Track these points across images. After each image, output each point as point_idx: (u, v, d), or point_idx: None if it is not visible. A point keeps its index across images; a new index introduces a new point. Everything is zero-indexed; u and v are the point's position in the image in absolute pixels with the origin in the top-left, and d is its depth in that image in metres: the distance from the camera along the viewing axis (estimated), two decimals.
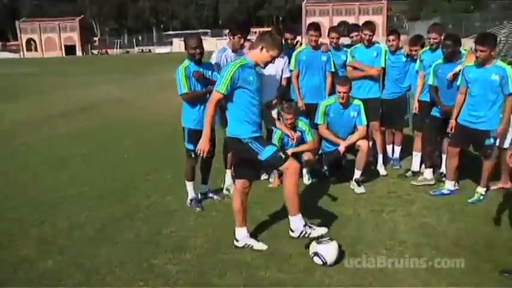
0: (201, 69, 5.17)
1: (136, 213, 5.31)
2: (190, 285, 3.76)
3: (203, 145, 4.10)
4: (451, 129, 5.53)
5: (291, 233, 4.13)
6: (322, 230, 4.10)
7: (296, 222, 4.08)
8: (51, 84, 23.20)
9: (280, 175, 6.12)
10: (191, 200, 5.46)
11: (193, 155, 5.34)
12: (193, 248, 4.39)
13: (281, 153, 4.03)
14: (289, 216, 4.13)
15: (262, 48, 4.01)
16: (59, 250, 4.40)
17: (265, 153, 3.97)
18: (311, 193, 5.83)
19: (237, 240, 4.33)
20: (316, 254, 3.99)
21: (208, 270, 3.97)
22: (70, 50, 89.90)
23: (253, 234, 4.48)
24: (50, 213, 5.38)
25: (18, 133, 10.63)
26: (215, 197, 5.70)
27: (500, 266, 3.86)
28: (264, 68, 4.34)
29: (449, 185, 5.67)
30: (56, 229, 4.91)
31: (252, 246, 4.28)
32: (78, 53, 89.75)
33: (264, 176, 6.23)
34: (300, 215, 4.09)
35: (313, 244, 4.05)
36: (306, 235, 4.06)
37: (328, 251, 3.98)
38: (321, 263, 3.96)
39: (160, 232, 4.77)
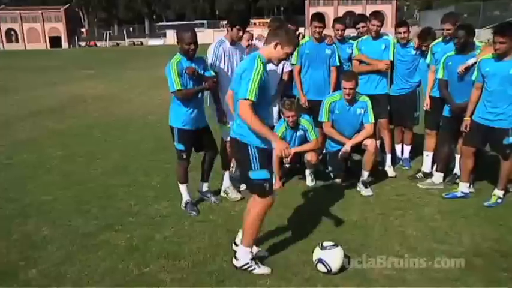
0: (193, 65, 5.14)
1: (125, 219, 5.28)
2: None
3: (281, 146, 3.77)
4: (466, 128, 5.52)
5: (234, 260, 4.08)
6: (266, 269, 4.02)
7: (245, 253, 4.04)
8: (26, 81, 23.11)
9: (281, 178, 6.15)
10: (186, 204, 5.45)
11: (184, 156, 5.34)
12: (188, 254, 4.38)
13: (268, 184, 3.91)
14: (240, 244, 4.10)
15: (276, 45, 3.85)
16: (42, 259, 4.38)
17: (257, 174, 3.88)
18: (314, 196, 5.84)
19: (236, 259, 4.14)
20: (320, 260, 3.97)
21: (205, 278, 3.96)
22: (55, 41, 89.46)
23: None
24: (33, 219, 5.35)
25: None
26: (213, 199, 5.69)
27: None
28: (277, 65, 4.29)
29: (463, 188, 5.67)
30: (37, 237, 4.88)
31: (254, 269, 4.04)
32: (64, 44, 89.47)
33: None
34: (250, 249, 4.05)
35: (317, 250, 4.03)
36: (249, 269, 4.00)
37: (333, 257, 3.96)
38: (325, 270, 3.95)
39: (153, 238, 4.76)
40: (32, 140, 9.61)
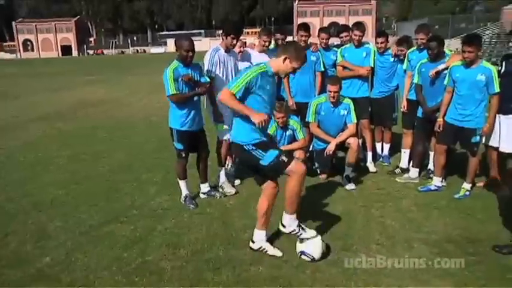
0: (190, 71, 5.11)
1: (129, 212, 5.25)
2: (185, 281, 3.73)
3: (258, 117, 3.72)
4: (439, 127, 5.54)
5: (281, 227, 4.03)
6: (312, 233, 4.01)
7: (290, 220, 3.98)
8: (34, 86, 22.94)
9: None
10: (185, 198, 5.43)
11: (183, 154, 5.31)
12: (187, 244, 4.36)
13: (284, 157, 3.80)
14: (284, 213, 4.00)
15: (285, 59, 3.81)
16: (55, 248, 4.35)
17: (267, 158, 3.80)
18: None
19: (253, 242, 4.16)
20: (302, 253, 3.99)
21: (203, 266, 3.94)
22: (66, 50, 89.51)
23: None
24: (42, 212, 5.32)
25: None
26: (218, 195, 5.62)
27: (484, 259, 3.91)
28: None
29: (436, 181, 5.69)
30: (49, 228, 4.84)
31: (267, 251, 4.09)
32: (74, 53, 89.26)
33: None
34: (295, 215, 3.99)
35: (298, 244, 4.05)
36: (297, 234, 3.99)
37: (312, 247, 3.97)
38: (310, 259, 3.96)
39: (155, 229, 4.73)
40: (39, 141, 9.56)
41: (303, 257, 3.99)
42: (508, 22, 38.67)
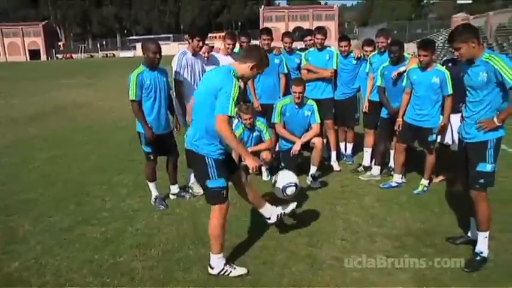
0: (156, 74, 5.03)
1: (100, 214, 5.14)
2: (156, 281, 3.68)
3: (253, 163, 3.63)
4: (399, 127, 5.66)
5: (210, 270, 3.75)
6: (242, 270, 3.75)
7: (218, 260, 3.75)
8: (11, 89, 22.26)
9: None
10: (155, 199, 5.36)
11: (152, 157, 5.24)
12: (158, 244, 4.30)
13: (225, 192, 3.64)
14: (211, 253, 3.76)
15: (253, 67, 3.62)
16: (24, 253, 4.21)
17: (214, 182, 3.60)
18: (269, 188, 5.82)
19: (211, 268, 3.77)
20: (284, 188, 4.26)
21: (173, 265, 3.90)
22: (34, 54, 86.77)
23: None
24: (11, 217, 5.14)
25: None
26: (187, 195, 5.58)
27: (440, 250, 4.02)
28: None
29: (397, 178, 5.81)
30: (19, 233, 4.69)
31: (230, 273, 3.74)
32: (43, 57, 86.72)
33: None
34: (221, 255, 3.76)
35: (276, 190, 4.32)
36: (226, 274, 3.72)
37: (286, 176, 4.25)
38: (295, 189, 4.33)
39: (126, 231, 4.65)
40: (12, 145, 9.25)
41: (288, 190, 4.29)
42: None
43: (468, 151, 3.83)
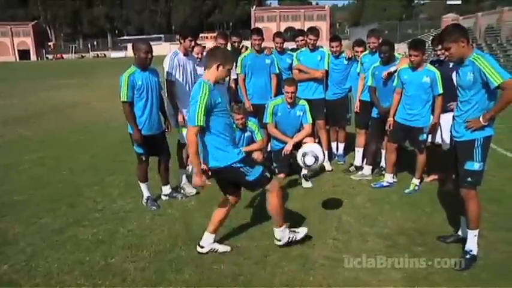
0: (147, 74, 5.00)
1: (92, 215, 5.11)
2: (148, 282, 3.66)
3: (197, 181, 3.73)
4: (390, 127, 5.69)
5: (276, 242, 4.08)
6: (303, 230, 4.15)
7: (282, 232, 4.05)
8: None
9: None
10: (147, 200, 5.34)
11: (143, 158, 5.22)
12: (150, 245, 4.28)
13: (267, 173, 3.90)
14: (274, 228, 4.06)
15: (218, 66, 3.73)
16: (14, 255, 4.17)
17: (253, 174, 3.81)
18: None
19: (201, 247, 4.09)
20: (306, 154, 4.66)
21: (165, 266, 3.89)
22: (24, 54, 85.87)
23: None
24: (1, 219, 5.08)
25: None
26: (179, 196, 5.57)
27: (431, 249, 4.04)
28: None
29: (388, 178, 5.84)
30: (9, 235, 4.64)
31: (217, 250, 4.08)
32: (33, 57, 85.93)
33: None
34: (285, 226, 4.06)
35: (298, 152, 4.81)
36: (293, 240, 4.09)
37: (313, 148, 4.68)
38: (314, 160, 4.72)
39: (117, 232, 4.62)
40: (1, 146, 9.16)
41: (306, 158, 4.63)
42: None
43: (457, 150, 3.87)
